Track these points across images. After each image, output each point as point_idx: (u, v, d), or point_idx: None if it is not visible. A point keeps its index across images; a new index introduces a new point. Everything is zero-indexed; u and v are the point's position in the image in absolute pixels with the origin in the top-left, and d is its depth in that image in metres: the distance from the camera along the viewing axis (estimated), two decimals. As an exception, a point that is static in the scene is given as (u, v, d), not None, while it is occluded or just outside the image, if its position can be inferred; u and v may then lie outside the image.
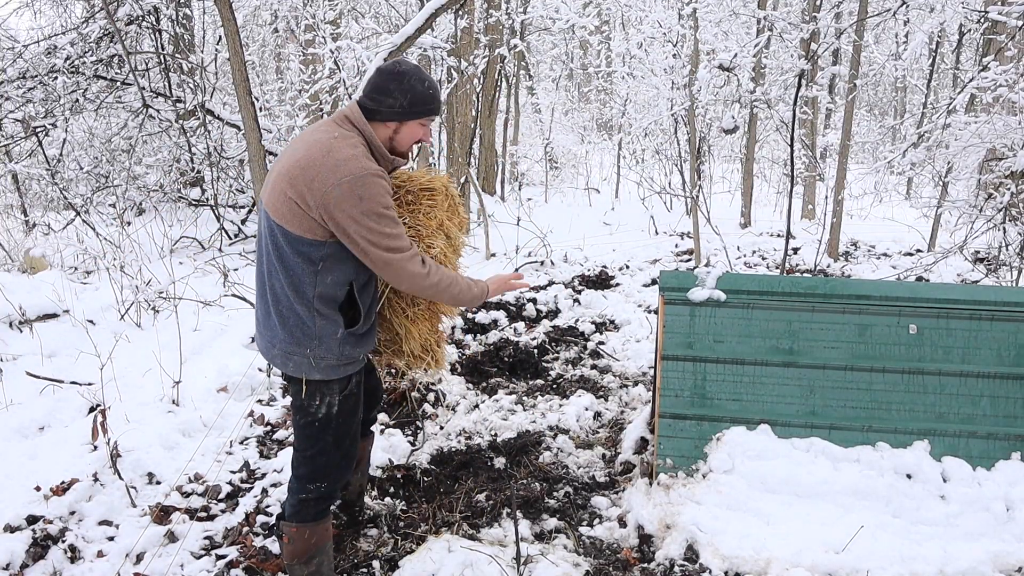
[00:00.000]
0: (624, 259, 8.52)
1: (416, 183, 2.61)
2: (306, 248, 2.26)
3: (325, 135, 2.29)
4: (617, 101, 14.52)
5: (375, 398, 2.98)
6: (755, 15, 8.64)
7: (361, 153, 2.26)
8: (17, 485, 3.27)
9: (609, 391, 4.74)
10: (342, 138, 2.28)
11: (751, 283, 3.39)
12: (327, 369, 2.38)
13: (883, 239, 9.55)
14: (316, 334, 2.33)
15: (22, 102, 7.30)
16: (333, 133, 2.30)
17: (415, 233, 2.54)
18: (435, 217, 2.58)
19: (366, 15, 11.32)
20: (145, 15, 7.54)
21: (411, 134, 2.40)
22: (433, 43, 8.79)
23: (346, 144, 2.26)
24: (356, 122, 2.34)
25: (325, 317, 2.33)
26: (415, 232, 2.54)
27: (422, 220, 2.55)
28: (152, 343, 4.83)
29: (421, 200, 2.58)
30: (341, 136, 2.28)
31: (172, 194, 8.60)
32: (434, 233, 2.55)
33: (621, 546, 3.07)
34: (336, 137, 2.28)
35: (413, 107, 2.35)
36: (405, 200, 2.58)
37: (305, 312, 2.31)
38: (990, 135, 5.98)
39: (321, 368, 2.37)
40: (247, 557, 2.95)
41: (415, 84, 2.34)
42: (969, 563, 2.73)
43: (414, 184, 2.61)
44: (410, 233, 2.52)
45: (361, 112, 2.36)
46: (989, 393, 3.20)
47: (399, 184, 2.59)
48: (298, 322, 2.33)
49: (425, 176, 2.64)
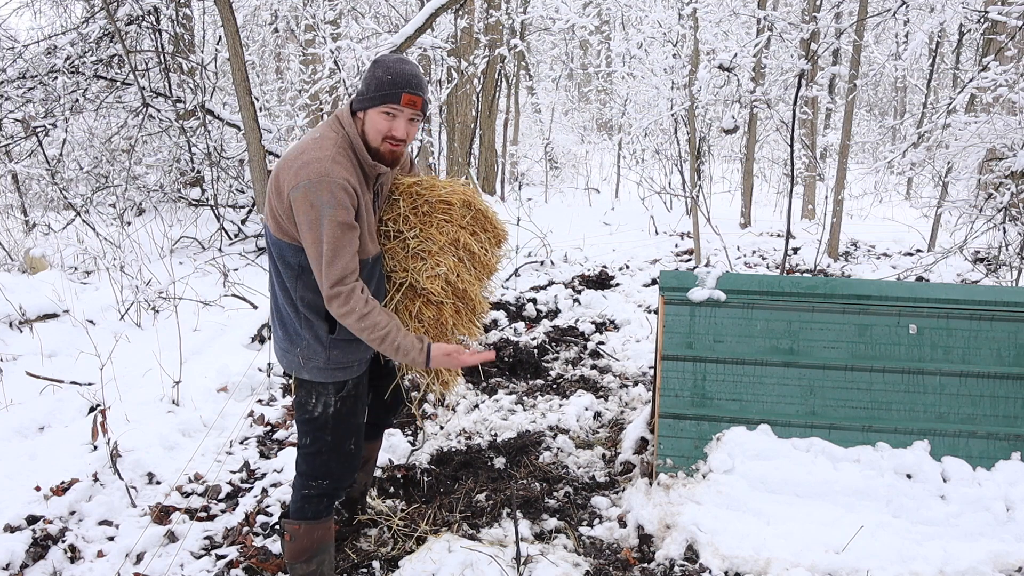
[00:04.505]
0: (624, 259, 8.52)
1: (435, 194, 2.45)
2: (283, 252, 2.23)
3: (309, 135, 2.24)
4: (617, 101, 14.53)
5: (394, 403, 2.92)
6: (755, 15, 8.63)
7: (330, 156, 2.13)
8: (17, 485, 3.27)
9: (609, 391, 4.75)
10: (320, 139, 2.19)
11: (751, 283, 3.39)
12: (316, 371, 2.35)
13: (883, 239, 9.55)
14: (304, 336, 2.31)
15: (22, 102, 7.29)
16: (315, 134, 2.23)
17: (424, 249, 2.41)
18: (448, 232, 2.43)
19: (366, 15, 11.32)
20: (145, 15, 7.54)
21: (374, 125, 2.21)
22: (433, 43, 8.79)
23: (318, 146, 2.16)
24: (344, 123, 2.25)
25: (310, 321, 2.29)
26: (424, 248, 2.41)
27: (433, 234, 2.41)
28: (152, 343, 4.83)
29: (435, 213, 2.43)
30: (321, 137, 2.20)
31: (172, 194, 8.59)
32: (444, 250, 2.41)
33: (621, 546, 3.07)
34: (316, 138, 2.20)
35: (370, 92, 2.19)
36: (421, 211, 2.44)
37: (293, 314, 2.30)
38: (990, 135, 5.98)
39: (310, 369, 2.35)
40: (247, 557, 2.95)
41: (375, 70, 2.21)
42: (969, 563, 2.72)
43: (433, 195, 2.45)
44: (417, 248, 2.41)
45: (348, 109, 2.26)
46: (989, 393, 3.20)
47: (419, 193, 2.46)
48: (289, 322, 2.33)
49: (447, 187, 2.49)
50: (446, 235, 2.44)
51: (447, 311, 2.46)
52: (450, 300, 2.47)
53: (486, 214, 2.59)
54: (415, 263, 2.41)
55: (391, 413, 2.97)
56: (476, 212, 2.54)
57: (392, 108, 2.19)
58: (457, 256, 2.46)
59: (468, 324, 2.59)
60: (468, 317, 2.58)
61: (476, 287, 2.56)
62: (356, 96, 2.24)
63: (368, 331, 2.18)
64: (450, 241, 2.45)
